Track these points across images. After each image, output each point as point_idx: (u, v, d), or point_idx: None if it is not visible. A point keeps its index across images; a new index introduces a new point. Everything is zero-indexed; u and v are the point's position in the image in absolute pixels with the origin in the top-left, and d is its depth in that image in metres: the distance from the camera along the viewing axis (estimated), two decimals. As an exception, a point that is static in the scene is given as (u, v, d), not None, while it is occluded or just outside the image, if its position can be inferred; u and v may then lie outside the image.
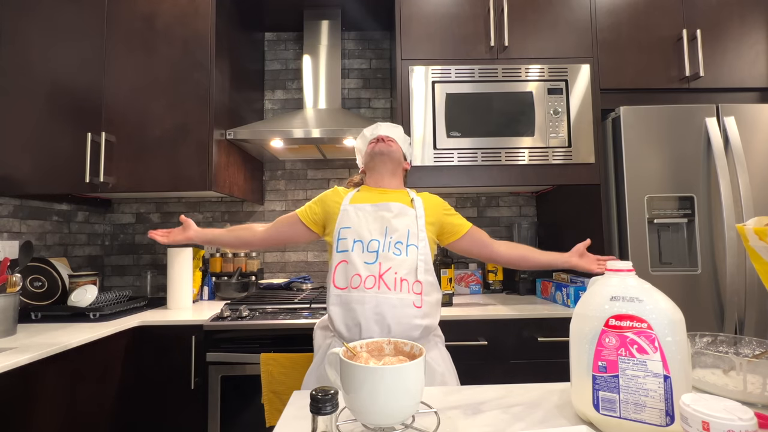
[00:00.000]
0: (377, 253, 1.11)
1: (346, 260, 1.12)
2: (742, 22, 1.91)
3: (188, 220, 1.40)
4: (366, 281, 1.08)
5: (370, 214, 1.18)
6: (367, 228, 1.15)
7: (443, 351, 1.21)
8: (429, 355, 1.14)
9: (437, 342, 1.21)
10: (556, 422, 0.67)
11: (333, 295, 1.12)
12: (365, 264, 1.10)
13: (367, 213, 1.18)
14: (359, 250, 1.12)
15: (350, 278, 1.10)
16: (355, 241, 1.14)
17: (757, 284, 1.60)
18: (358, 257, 1.11)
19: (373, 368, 0.60)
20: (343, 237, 1.16)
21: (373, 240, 1.13)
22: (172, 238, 1.38)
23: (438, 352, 1.18)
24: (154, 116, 1.83)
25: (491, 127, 1.83)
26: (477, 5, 1.89)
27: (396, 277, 1.08)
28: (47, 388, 1.23)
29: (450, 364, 1.19)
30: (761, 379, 0.67)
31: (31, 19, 1.82)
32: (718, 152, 1.64)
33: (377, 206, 1.19)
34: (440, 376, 1.12)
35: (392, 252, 1.11)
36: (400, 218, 1.17)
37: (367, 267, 1.10)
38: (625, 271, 0.66)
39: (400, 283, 1.08)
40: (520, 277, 2.09)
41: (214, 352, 1.58)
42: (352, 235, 1.15)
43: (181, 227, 1.40)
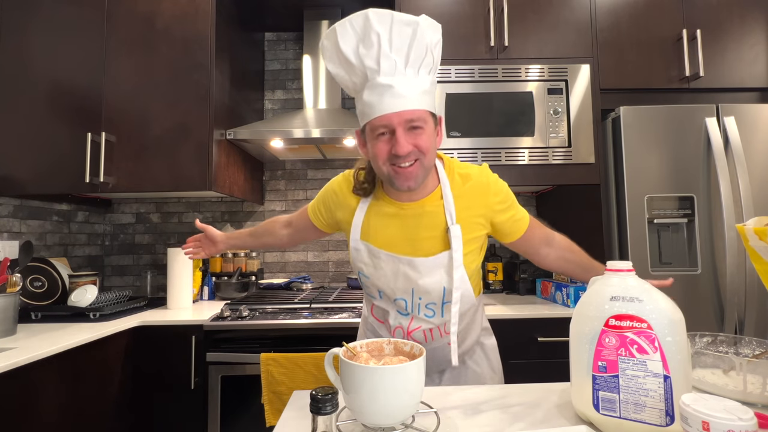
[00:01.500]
0: (406, 311, 0.95)
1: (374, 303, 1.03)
2: (742, 22, 1.91)
3: (207, 228, 1.22)
4: (395, 332, 0.98)
5: (388, 265, 0.93)
6: (388, 285, 0.95)
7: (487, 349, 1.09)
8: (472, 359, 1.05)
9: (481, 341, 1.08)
10: (556, 422, 0.67)
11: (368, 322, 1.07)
12: (397, 314, 0.97)
13: (385, 264, 0.93)
14: (387, 300, 0.98)
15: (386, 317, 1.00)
16: (380, 292, 0.98)
17: (757, 284, 1.60)
18: (387, 305, 0.99)
19: (373, 368, 0.60)
20: (364, 284, 1.01)
21: (399, 299, 0.95)
22: (206, 254, 1.24)
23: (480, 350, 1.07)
24: (154, 116, 1.83)
25: (491, 127, 1.83)
26: (477, 5, 1.89)
27: (427, 334, 0.95)
28: (47, 388, 1.23)
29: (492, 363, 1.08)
30: (761, 379, 0.67)
31: (32, 19, 1.82)
32: (718, 152, 1.64)
33: (397, 259, 0.92)
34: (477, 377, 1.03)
35: (423, 314, 0.94)
36: (431, 275, 0.90)
37: (398, 318, 0.97)
38: (625, 271, 0.66)
39: (431, 335, 0.95)
40: (520, 277, 2.09)
41: (214, 352, 1.58)
42: (374, 286, 0.98)
43: (205, 237, 1.24)
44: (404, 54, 0.79)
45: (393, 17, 0.78)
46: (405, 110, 0.79)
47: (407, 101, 0.79)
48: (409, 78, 0.80)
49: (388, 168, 0.84)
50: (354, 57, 0.80)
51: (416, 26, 0.78)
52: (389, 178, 0.85)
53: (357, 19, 0.79)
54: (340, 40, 0.80)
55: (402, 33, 0.78)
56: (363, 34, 0.79)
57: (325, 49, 0.84)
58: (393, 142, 0.81)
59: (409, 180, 0.84)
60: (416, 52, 0.79)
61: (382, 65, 0.79)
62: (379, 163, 0.84)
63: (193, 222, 2.38)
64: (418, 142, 0.82)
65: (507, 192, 0.97)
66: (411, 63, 0.80)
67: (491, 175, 0.96)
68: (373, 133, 0.83)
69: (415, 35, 0.78)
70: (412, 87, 0.80)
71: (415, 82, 0.80)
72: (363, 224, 0.95)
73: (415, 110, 0.80)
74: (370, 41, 0.78)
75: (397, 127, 0.80)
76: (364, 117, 0.83)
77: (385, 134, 0.82)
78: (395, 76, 0.79)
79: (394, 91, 0.79)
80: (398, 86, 0.79)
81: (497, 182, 0.96)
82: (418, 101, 0.81)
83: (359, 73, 0.82)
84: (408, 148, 0.81)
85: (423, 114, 0.82)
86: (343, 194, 1.00)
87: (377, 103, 0.80)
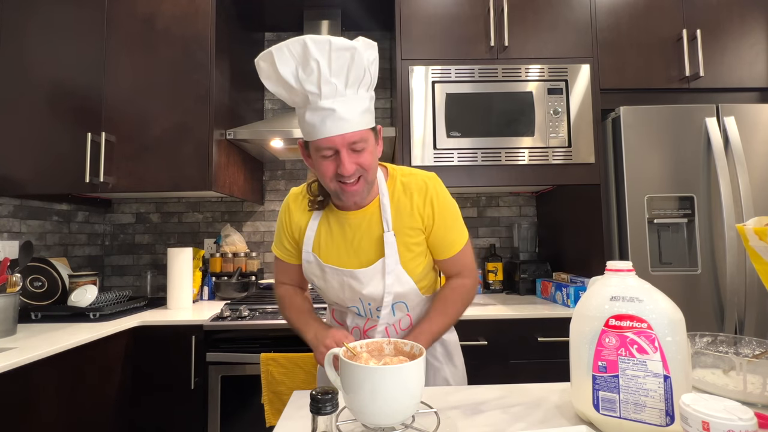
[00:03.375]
0: (361, 315, 1.02)
1: (333, 308, 1.11)
2: (742, 22, 1.91)
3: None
4: (353, 331, 1.05)
5: (335, 279, 0.97)
6: (337, 296, 1.01)
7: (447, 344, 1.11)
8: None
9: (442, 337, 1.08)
10: (556, 422, 0.67)
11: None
12: (354, 316, 1.04)
13: (331, 277, 0.98)
14: (342, 307, 1.05)
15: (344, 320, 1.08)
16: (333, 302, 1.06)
17: (757, 284, 1.60)
18: (343, 310, 1.06)
19: (373, 368, 0.60)
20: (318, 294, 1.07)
21: (351, 307, 1.01)
22: None
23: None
24: (154, 116, 1.83)
25: (491, 127, 1.83)
26: (477, 5, 1.89)
27: (382, 332, 1.00)
28: (47, 388, 1.23)
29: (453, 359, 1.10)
30: (761, 379, 0.67)
31: (32, 19, 1.82)
32: (718, 152, 1.64)
33: (341, 272, 0.95)
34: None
35: (376, 315, 0.99)
36: (372, 283, 0.94)
37: (355, 319, 1.04)
38: (625, 271, 0.66)
39: (386, 333, 1.01)
40: (520, 277, 2.09)
41: (214, 352, 1.58)
42: (325, 297, 1.05)
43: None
44: (344, 76, 0.81)
45: (331, 44, 0.78)
46: (348, 133, 0.82)
47: (349, 124, 0.82)
48: (349, 99, 0.82)
49: (335, 185, 0.88)
50: (294, 81, 0.81)
51: (354, 51, 0.79)
52: (336, 193, 0.90)
53: (295, 46, 0.79)
54: (279, 65, 0.79)
55: (340, 58, 0.79)
56: (302, 60, 0.79)
57: (261, 69, 0.83)
58: (338, 162, 0.85)
59: (354, 196, 0.89)
60: (355, 74, 0.81)
61: (323, 89, 0.80)
62: (327, 181, 0.89)
63: (193, 222, 2.40)
64: (361, 161, 0.86)
65: (446, 207, 0.98)
66: (350, 84, 0.82)
67: (434, 187, 0.97)
68: (318, 153, 0.86)
69: (353, 59, 0.80)
70: (353, 108, 0.82)
71: (355, 103, 0.83)
72: (315, 237, 1.00)
73: (357, 132, 0.84)
74: (309, 68, 0.79)
75: (341, 148, 0.83)
76: (308, 135, 0.86)
77: (330, 155, 0.85)
78: (336, 99, 0.81)
79: (336, 115, 0.81)
80: (340, 110, 0.81)
81: (438, 195, 0.97)
82: (359, 122, 0.84)
83: (300, 94, 0.82)
84: (352, 168, 0.85)
85: (365, 134, 0.85)
86: (297, 212, 1.03)
87: (320, 126, 0.82)
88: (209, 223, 2.40)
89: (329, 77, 0.79)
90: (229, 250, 2.24)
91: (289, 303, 1.08)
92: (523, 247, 2.28)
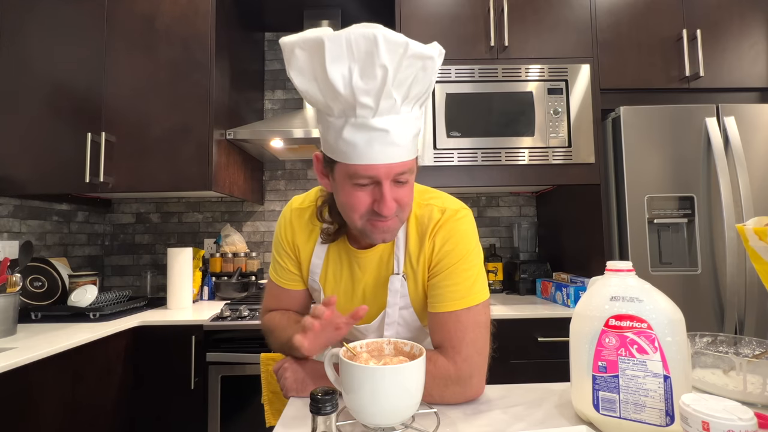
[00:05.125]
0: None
1: None
2: (742, 22, 1.91)
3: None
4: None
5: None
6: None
7: None
8: None
9: None
10: (556, 422, 0.67)
11: None
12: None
13: None
14: None
15: None
16: None
17: (757, 284, 1.60)
18: None
19: (373, 368, 0.60)
20: None
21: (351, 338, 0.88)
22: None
23: None
24: (154, 116, 1.83)
25: (491, 127, 1.83)
26: (477, 5, 1.89)
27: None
28: (47, 388, 1.23)
29: None
30: (761, 379, 0.67)
31: (32, 19, 1.82)
32: (718, 152, 1.64)
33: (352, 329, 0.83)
34: None
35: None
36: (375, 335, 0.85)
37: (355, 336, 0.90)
38: (625, 271, 0.66)
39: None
40: (520, 277, 2.09)
41: (214, 352, 1.58)
42: None
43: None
44: (405, 90, 0.64)
45: (407, 48, 0.60)
46: (397, 163, 0.66)
47: (401, 151, 0.66)
48: (403, 118, 0.66)
49: (363, 223, 0.71)
50: (343, 86, 0.62)
51: (430, 61, 0.63)
52: (363, 231, 0.73)
53: (360, 42, 0.59)
54: (329, 61, 0.60)
55: (411, 66, 0.62)
56: (364, 61, 0.60)
57: (295, 57, 0.63)
58: (376, 195, 0.68)
59: (385, 233, 0.73)
60: (418, 88, 0.65)
61: (382, 104, 0.63)
62: (354, 216, 0.71)
63: (193, 222, 2.40)
64: (401, 197, 0.70)
65: (457, 250, 0.77)
66: (409, 99, 0.66)
67: (451, 220, 0.78)
68: (351, 180, 0.68)
69: (425, 70, 0.64)
70: (406, 131, 0.66)
71: (409, 123, 0.66)
72: (323, 266, 0.85)
73: (406, 162, 0.68)
74: (372, 74, 0.61)
75: (384, 180, 0.67)
76: (341, 155, 0.67)
77: (367, 185, 0.68)
78: (390, 116, 0.64)
79: (389, 138, 0.64)
80: (394, 131, 0.64)
81: (452, 232, 0.77)
82: (410, 149, 0.68)
83: (344, 103, 0.64)
84: (393, 207, 0.69)
85: (412, 164, 0.70)
86: (301, 232, 0.86)
87: (365, 148, 0.64)
88: (209, 223, 2.40)
89: (391, 90, 0.62)
90: (229, 250, 2.24)
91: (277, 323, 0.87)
92: (523, 247, 2.28)
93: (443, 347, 0.75)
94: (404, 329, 0.84)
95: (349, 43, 0.59)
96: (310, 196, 0.88)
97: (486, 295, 0.78)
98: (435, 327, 0.77)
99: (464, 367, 0.72)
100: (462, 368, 0.72)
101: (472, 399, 0.75)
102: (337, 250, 0.85)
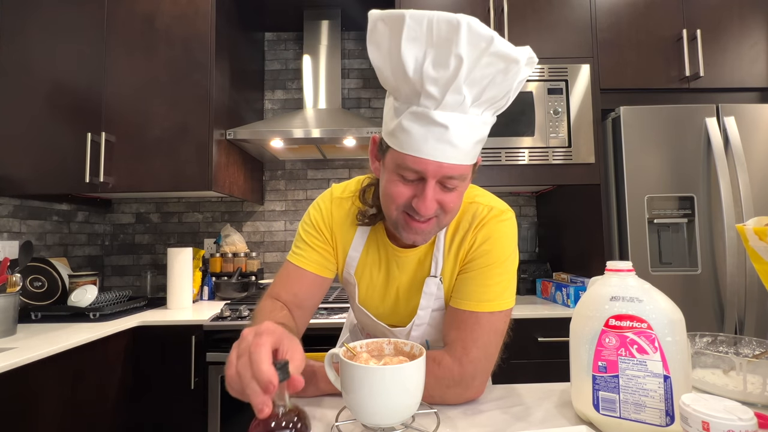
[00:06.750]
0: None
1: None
2: (742, 22, 1.91)
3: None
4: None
5: (365, 319, 0.87)
6: (363, 323, 0.91)
7: None
8: None
9: None
10: (556, 422, 0.67)
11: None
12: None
13: (361, 315, 0.88)
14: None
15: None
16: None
17: (757, 284, 1.60)
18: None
19: (373, 368, 0.60)
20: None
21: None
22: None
23: None
24: (154, 116, 1.83)
25: (491, 127, 1.82)
26: (477, 5, 1.89)
27: None
28: (47, 388, 1.23)
29: None
30: (761, 379, 0.67)
31: (32, 19, 1.82)
32: (718, 152, 1.64)
33: (374, 320, 0.85)
34: None
35: None
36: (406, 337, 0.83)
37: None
38: (625, 271, 0.66)
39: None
40: (520, 277, 2.09)
41: (214, 352, 1.58)
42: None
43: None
44: (478, 89, 0.59)
45: (492, 43, 0.55)
46: (448, 164, 0.62)
47: (456, 153, 0.62)
48: (470, 119, 0.61)
49: (399, 215, 0.69)
50: (413, 69, 0.58)
51: (515, 65, 0.58)
52: (396, 224, 0.71)
53: (442, 26, 0.55)
54: (404, 39, 0.57)
55: (491, 66, 0.57)
56: (440, 46, 0.56)
57: (376, 29, 0.59)
58: (418, 191, 0.65)
59: (418, 235, 0.69)
60: (495, 92, 0.61)
61: (448, 98, 0.59)
62: (391, 206, 0.69)
63: (193, 222, 2.40)
64: (445, 201, 0.66)
65: (494, 251, 0.74)
66: (482, 101, 0.61)
67: (495, 220, 0.76)
68: (398, 169, 0.65)
69: (506, 74, 0.59)
70: (470, 133, 0.62)
71: (474, 127, 0.62)
72: (360, 260, 0.82)
73: (459, 165, 0.63)
74: (445, 62, 0.57)
75: (430, 179, 0.64)
76: (395, 141, 0.65)
77: (412, 179, 0.65)
78: (455, 114, 0.60)
79: (447, 135, 0.60)
80: (454, 130, 0.60)
81: (494, 233, 0.75)
82: (469, 153, 0.64)
83: (411, 88, 0.60)
84: (433, 208, 0.65)
85: (466, 170, 0.65)
86: (341, 223, 0.82)
87: (419, 140, 0.61)
88: (209, 223, 2.40)
89: (462, 85, 0.58)
90: (229, 250, 2.24)
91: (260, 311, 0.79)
92: (523, 247, 2.28)
93: (454, 345, 0.74)
94: (434, 330, 0.82)
95: (430, 25, 0.56)
96: (350, 186, 0.85)
97: (512, 304, 0.76)
98: (452, 322, 0.76)
99: (469, 369, 0.72)
100: (467, 369, 0.71)
101: (471, 400, 0.75)
102: (376, 246, 0.82)
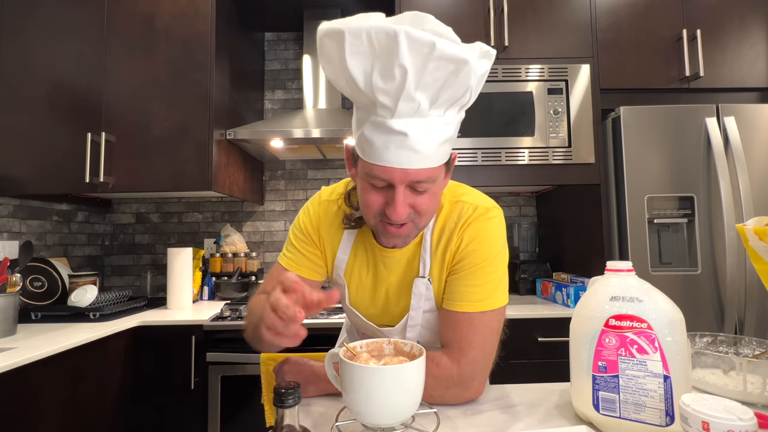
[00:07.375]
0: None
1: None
2: (742, 22, 1.91)
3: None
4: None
5: (356, 319, 0.87)
6: (355, 323, 0.90)
7: None
8: None
9: None
10: (556, 422, 0.67)
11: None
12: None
13: (352, 316, 0.88)
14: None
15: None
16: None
17: (757, 284, 1.60)
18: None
19: (373, 368, 0.60)
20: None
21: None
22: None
23: None
24: (154, 116, 1.83)
25: (491, 127, 1.83)
26: (477, 5, 1.89)
27: None
28: (47, 388, 1.23)
29: None
30: (761, 379, 0.67)
31: (32, 19, 1.82)
32: (718, 152, 1.64)
33: (364, 321, 0.85)
34: None
35: None
36: (399, 336, 0.83)
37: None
38: (625, 271, 0.66)
39: None
40: (520, 277, 2.09)
41: (214, 352, 1.58)
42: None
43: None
44: (433, 92, 0.58)
45: (434, 49, 0.53)
46: (414, 169, 0.62)
47: (420, 158, 0.61)
48: (430, 123, 0.60)
49: (376, 222, 0.70)
50: (363, 82, 0.58)
51: (464, 65, 0.56)
52: (374, 230, 0.73)
53: (381, 38, 0.54)
54: (348, 53, 0.56)
55: (440, 69, 0.56)
56: (382, 58, 0.55)
57: (324, 46, 0.59)
58: (388, 198, 0.66)
59: (396, 239, 0.71)
60: (451, 93, 0.59)
61: (400, 106, 0.58)
62: (368, 214, 0.70)
63: (193, 222, 2.40)
64: (417, 204, 0.66)
65: (482, 250, 0.74)
66: (439, 103, 0.60)
67: (481, 218, 0.76)
68: (367, 178, 0.66)
69: (458, 74, 0.57)
70: (431, 137, 0.60)
71: (436, 130, 0.61)
72: (348, 262, 0.82)
73: (425, 170, 0.63)
74: (389, 73, 0.56)
75: (398, 185, 0.63)
76: (361, 151, 0.65)
77: (381, 186, 0.66)
78: (412, 120, 0.59)
79: (407, 143, 0.59)
80: (414, 136, 0.59)
81: (480, 231, 0.75)
82: (433, 156, 0.62)
83: (365, 98, 0.61)
84: (405, 212, 0.65)
85: (434, 172, 0.64)
86: (328, 226, 0.82)
87: (381, 149, 0.61)
88: (209, 223, 2.40)
89: (413, 92, 0.57)
90: (229, 250, 2.24)
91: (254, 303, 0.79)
92: (523, 247, 2.28)
93: (450, 347, 0.74)
94: (428, 332, 0.82)
95: (369, 38, 0.54)
96: (338, 189, 0.85)
97: (504, 301, 0.76)
98: (446, 324, 0.76)
99: (468, 370, 0.71)
100: (465, 370, 0.71)
101: (471, 400, 0.75)
102: (363, 248, 0.82)
